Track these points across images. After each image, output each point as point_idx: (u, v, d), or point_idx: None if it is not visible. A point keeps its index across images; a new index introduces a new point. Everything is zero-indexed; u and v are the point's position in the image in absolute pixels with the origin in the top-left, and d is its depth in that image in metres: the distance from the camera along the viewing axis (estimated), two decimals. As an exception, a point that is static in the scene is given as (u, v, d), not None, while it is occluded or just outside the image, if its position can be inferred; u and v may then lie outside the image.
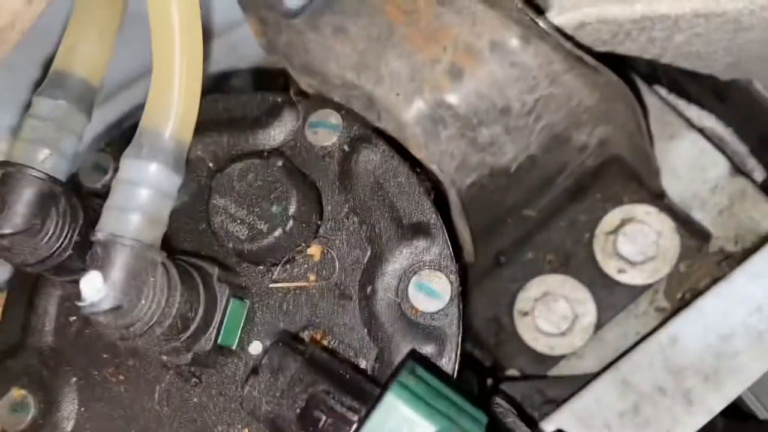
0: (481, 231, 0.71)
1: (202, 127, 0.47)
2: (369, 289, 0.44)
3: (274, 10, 0.59)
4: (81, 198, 0.42)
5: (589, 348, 0.75)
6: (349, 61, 0.57)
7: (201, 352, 0.42)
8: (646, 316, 0.74)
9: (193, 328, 0.40)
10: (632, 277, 0.74)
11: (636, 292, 0.73)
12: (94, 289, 0.35)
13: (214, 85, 0.60)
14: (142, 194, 0.37)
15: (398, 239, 0.44)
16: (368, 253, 0.44)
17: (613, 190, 0.75)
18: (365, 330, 0.43)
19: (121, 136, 0.47)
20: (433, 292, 0.42)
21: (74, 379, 0.47)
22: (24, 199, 0.39)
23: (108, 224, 0.37)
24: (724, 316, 0.64)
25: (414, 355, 0.37)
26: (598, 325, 0.75)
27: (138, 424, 0.45)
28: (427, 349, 0.41)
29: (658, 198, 0.74)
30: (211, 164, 0.46)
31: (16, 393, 0.48)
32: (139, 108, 0.40)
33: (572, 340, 0.76)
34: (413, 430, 0.32)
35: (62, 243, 0.41)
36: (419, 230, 0.44)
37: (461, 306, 0.42)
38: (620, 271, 0.74)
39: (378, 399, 0.32)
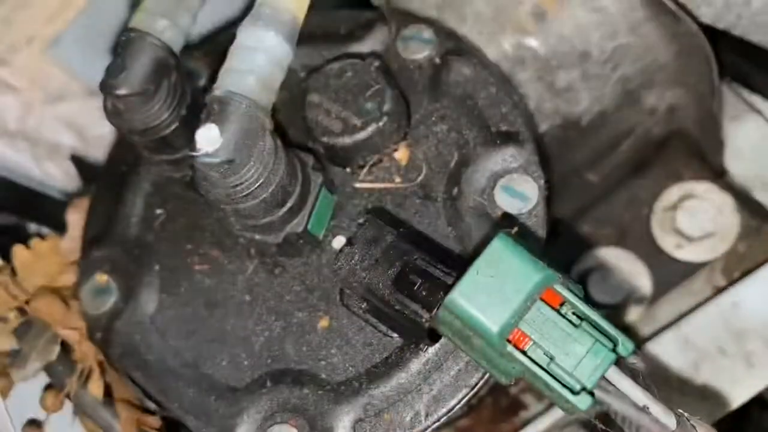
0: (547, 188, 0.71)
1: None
2: (455, 190, 0.45)
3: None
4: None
5: (643, 323, 0.74)
6: (433, 0, 0.59)
7: (291, 235, 0.43)
8: (702, 294, 0.74)
9: (290, 203, 0.41)
10: (689, 253, 0.73)
11: (693, 268, 0.73)
12: (211, 139, 0.37)
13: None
14: (259, 59, 0.39)
15: (486, 146, 0.45)
16: (455, 158, 0.45)
17: (674, 165, 0.75)
18: (449, 229, 0.43)
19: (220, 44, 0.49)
20: (519, 194, 0.43)
21: (157, 267, 0.48)
22: (142, 63, 0.41)
23: (226, 83, 0.39)
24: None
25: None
26: (653, 300, 0.74)
27: (220, 310, 0.46)
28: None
29: (719, 176, 0.74)
30: (302, 74, 0.48)
31: (100, 278, 0.49)
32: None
33: (626, 314, 0.75)
34: (520, 279, 0.32)
35: (170, 114, 0.42)
36: (508, 138, 0.45)
37: (548, 209, 0.43)
38: (678, 246, 0.74)
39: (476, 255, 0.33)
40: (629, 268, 0.75)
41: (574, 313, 0.34)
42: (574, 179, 0.71)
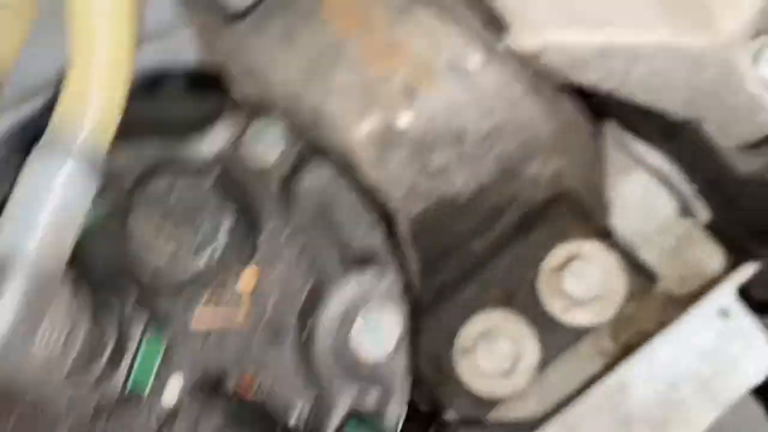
0: (426, 264, 0.67)
1: (125, 132, 0.41)
2: (308, 325, 0.38)
3: (217, 12, 0.54)
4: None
5: (532, 390, 0.72)
6: (295, 70, 0.53)
7: (106, 401, 0.35)
8: (590, 358, 0.72)
9: (98, 366, 0.34)
10: (577, 317, 0.71)
11: (581, 332, 0.71)
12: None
13: (144, 89, 0.54)
14: (46, 208, 0.31)
15: (343, 267, 0.39)
16: (309, 283, 0.39)
17: (560, 225, 0.73)
18: (301, 374, 0.37)
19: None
20: (379, 331, 0.37)
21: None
22: None
23: (4, 242, 0.31)
24: (671, 362, 0.62)
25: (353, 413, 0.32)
26: (541, 366, 0.72)
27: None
28: (371, 396, 0.36)
29: (605, 235, 0.72)
30: (133, 176, 0.40)
31: None
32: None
33: (514, 381, 0.72)
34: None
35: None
36: (367, 257, 0.39)
37: (411, 348, 0.37)
38: (565, 309, 0.72)
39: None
40: (516, 333, 0.72)
41: None
42: (456, 252, 0.67)
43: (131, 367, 0.36)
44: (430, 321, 0.70)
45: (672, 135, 0.76)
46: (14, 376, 0.31)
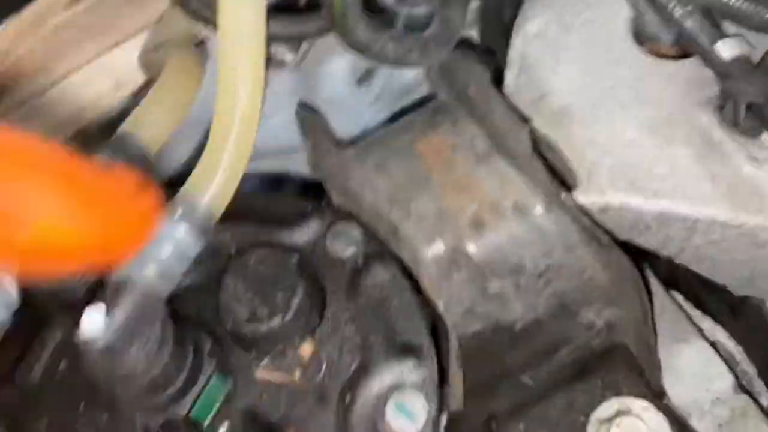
0: (476, 386, 0.71)
1: (233, 216, 0.51)
2: (348, 398, 0.45)
3: (328, 138, 0.64)
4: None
5: None
6: (384, 194, 0.62)
7: (173, 419, 0.42)
8: None
9: (173, 389, 0.41)
10: (619, 472, 0.71)
11: (621, 488, 0.71)
12: (94, 324, 0.37)
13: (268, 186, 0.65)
14: (165, 250, 0.41)
15: (387, 355, 0.45)
16: (356, 362, 0.46)
17: (614, 377, 0.75)
18: (339, 436, 0.43)
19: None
20: (410, 414, 0.43)
21: (46, 420, 0.48)
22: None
23: (127, 268, 0.40)
24: None
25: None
26: None
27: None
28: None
29: (657, 396, 0.73)
30: (233, 250, 0.50)
31: (-9, 423, 0.49)
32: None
33: None
34: None
35: (76, 282, 0.44)
36: (410, 351, 0.45)
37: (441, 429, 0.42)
38: (608, 462, 0.72)
39: None
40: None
41: None
42: (508, 381, 0.71)
43: (198, 395, 0.43)
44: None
45: (736, 312, 0.78)
46: (106, 374, 0.39)
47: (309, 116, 0.65)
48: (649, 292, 0.63)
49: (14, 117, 0.66)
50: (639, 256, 0.67)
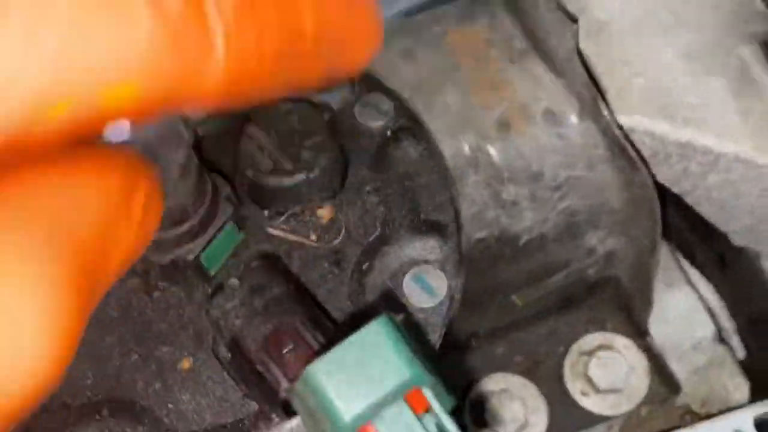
0: (467, 300, 0.70)
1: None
2: (366, 265, 0.42)
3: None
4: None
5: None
6: (408, 81, 0.59)
7: (181, 260, 0.40)
8: (594, 446, 0.72)
9: (187, 225, 0.38)
10: (593, 404, 0.72)
11: (592, 419, 0.72)
12: (119, 132, 0.34)
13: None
14: None
15: (410, 229, 0.43)
16: (376, 232, 0.43)
17: (600, 312, 0.75)
18: (348, 303, 0.41)
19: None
20: (428, 288, 0.41)
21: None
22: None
23: None
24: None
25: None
26: (543, 442, 0.72)
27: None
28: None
29: (640, 335, 0.74)
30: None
31: None
32: None
33: (514, 447, 0.73)
34: (390, 371, 0.30)
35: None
36: (434, 229, 0.43)
37: (451, 311, 0.41)
38: (583, 393, 0.73)
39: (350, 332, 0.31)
40: (530, 402, 0.73)
41: (436, 425, 0.31)
42: (498, 297, 0.70)
43: (210, 240, 0.40)
44: (452, 359, 0.72)
45: (726, 265, 0.78)
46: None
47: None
48: (666, 227, 0.62)
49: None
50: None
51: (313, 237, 0.44)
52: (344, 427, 0.29)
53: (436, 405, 0.31)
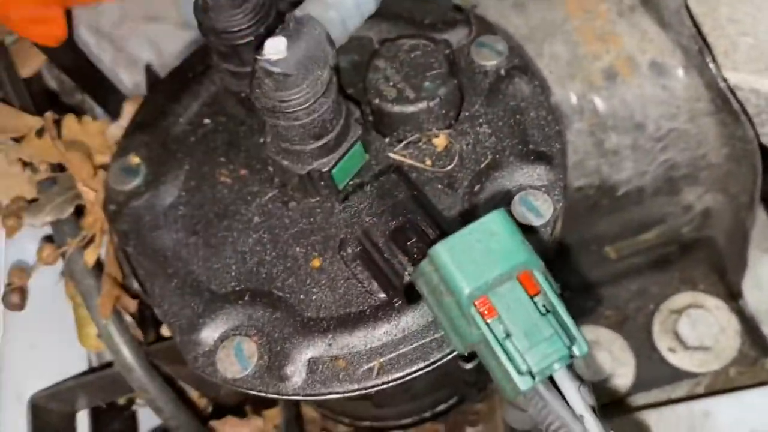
0: (563, 248, 0.72)
1: (380, 16, 0.52)
2: (477, 187, 0.46)
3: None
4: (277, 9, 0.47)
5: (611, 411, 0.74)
6: (518, 31, 0.62)
7: (315, 171, 0.45)
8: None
9: (325, 140, 0.43)
10: (680, 360, 0.73)
11: (679, 375, 0.73)
12: (277, 49, 0.39)
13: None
14: (347, 0, 0.42)
15: (520, 158, 0.47)
16: (488, 159, 0.47)
17: (692, 273, 0.76)
18: (460, 221, 0.45)
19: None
20: (536, 210, 0.45)
21: (187, 166, 0.51)
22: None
23: (310, 8, 0.42)
24: (761, 412, 0.63)
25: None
26: (629, 393, 0.74)
27: (228, 221, 0.48)
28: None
29: (733, 297, 0.75)
30: (377, 46, 0.51)
31: (133, 159, 0.52)
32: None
33: (600, 395, 0.75)
34: (506, 254, 0.34)
35: (250, 26, 0.45)
36: (541, 158, 0.47)
37: (554, 234, 0.44)
38: (671, 349, 0.74)
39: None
40: (618, 355, 0.75)
41: (544, 305, 0.35)
42: (592, 248, 0.72)
43: (339, 159, 0.45)
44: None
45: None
46: (273, 106, 0.41)
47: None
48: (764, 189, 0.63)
49: None
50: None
51: (429, 162, 0.48)
52: (464, 295, 0.34)
53: (546, 286, 0.35)
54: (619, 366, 0.75)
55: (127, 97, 0.66)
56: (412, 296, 0.40)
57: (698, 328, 0.74)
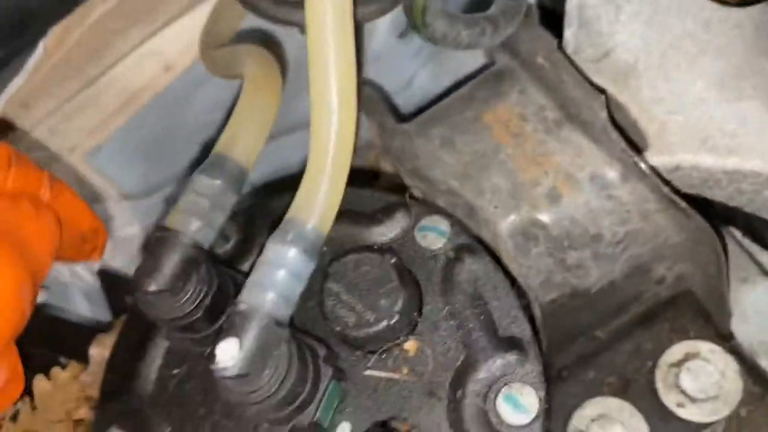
0: (551, 346, 0.73)
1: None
2: (459, 392, 0.46)
3: (389, 116, 0.64)
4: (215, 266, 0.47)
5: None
6: (453, 170, 0.62)
7: (298, 426, 0.45)
8: (700, 452, 0.74)
9: (299, 401, 0.43)
10: (691, 413, 0.74)
11: (693, 428, 0.74)
12: (230, 355, 0.39)
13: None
14: (280, 275, 0.42)
15: (492, 349, 0.47)
16: (462, 357, 0.47)
17: (681, 322, 0.77)
18: (453, 427, 0.45)
19: (248, 211, 0.52)
20: (520, 407, 0.45)
21: (168, 429, 0.51)
22: (172, 262, 0.44)
23: (249, 298, 0.42)
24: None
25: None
26: (654, 457, 0.75)
27: (223, 482, 0.48)
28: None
29: (724, 338, 0.75)
30: (326, 250, 0.51)
31: (115, 432, 0.51)
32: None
33: (624, 466, 0.76)
34: None
35: (196, 306, 0.45)
36: (513, 344, 0.47)
37: (545, 424, 0.44)
38: (679, 405, 0.75)
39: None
40: (630, 422, 0.75)
41: None
42: (581, 336, 0.73)
43: (320, 402, 0.45)
44: (547, 394, 0.76)
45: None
46: (239, 398, 0.41)
47: (371, 93, 0.65)
48: (725, 251, 0.63)
49: (68, 109, 0.67)
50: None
51: (405, 371, 0.48)
52: None
53: None
54: (634, 432, 0.76)
55: (77, 325, 0.65)
56: None
57: (701, 379, 0.75)
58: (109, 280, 0.71)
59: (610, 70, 0.63)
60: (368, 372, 0.48)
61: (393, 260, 0.48)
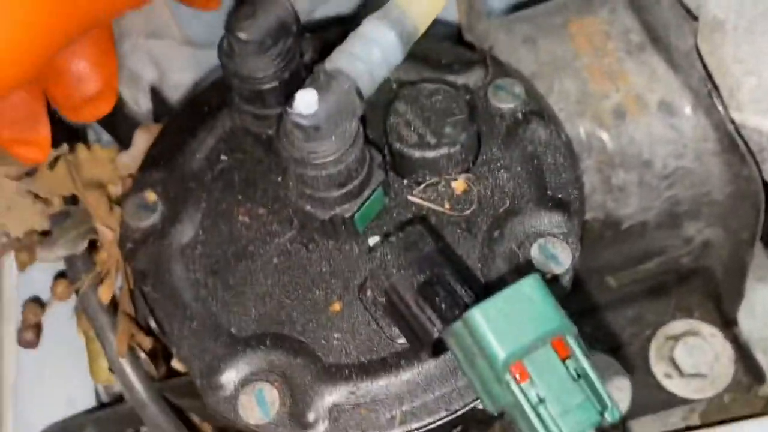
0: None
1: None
2: (496, 233, 0.47)
3: (479, 5, 0.65)
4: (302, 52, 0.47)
5: (608, 439, 0.75)
6: (528, 67, 0.63)
7: (338, 217, 0.45)
8: (674, 429, 0.75)
9: (349, 187, 0.44)
10: (676, 386, 0.75)
11: (674, 401, 0.75)
12: (308, 103, 0.40)
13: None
14: (375, 51, 0.42)
15: (538, 205, 0.47)
16: (506, 205, 0.48)
17: (689, 301, 0.78)
18: (479, 266, 0.46)
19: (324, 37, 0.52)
20: (554, 258, 0.45)
21: (204, 204, 0.51)
22: (269, 17, 0.45)
23: (338, 60, 0.42)
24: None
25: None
26: (625, 418, 0.76)
27: (247, 262, 0.49)
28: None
29: (728, 325, 0.76)
30: (394, 86, 0.51)
31: (149, 195, 0.52)
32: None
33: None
34: (540, 319, 0.35)
35: (275, 72, 0.45)
36: (560, 205, 0.48)
37: (570, 282, 0.45)
38: (666, 375, 0.76)
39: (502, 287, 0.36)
40: (614, 379, 0.76)
41: (575, 370, 0.36)
42: (593, 277, 0.74)
43: (362, 204, 0.45)
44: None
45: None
46: (301, 158, 0.41)
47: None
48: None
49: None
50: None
51: (448, 206, 0.49)
52: (500, 361, 0.34)
53: (578, 351, 0.36)
54: (615, 391, 0.76)
55: (130, 117, 0.66)
56: (438, 350, 0.41)
57: (694, 356, 0.75)
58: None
59: (699, 23, 0.64)
60: (412, 198, 0.49)
61: (467, 96, 0.49)
